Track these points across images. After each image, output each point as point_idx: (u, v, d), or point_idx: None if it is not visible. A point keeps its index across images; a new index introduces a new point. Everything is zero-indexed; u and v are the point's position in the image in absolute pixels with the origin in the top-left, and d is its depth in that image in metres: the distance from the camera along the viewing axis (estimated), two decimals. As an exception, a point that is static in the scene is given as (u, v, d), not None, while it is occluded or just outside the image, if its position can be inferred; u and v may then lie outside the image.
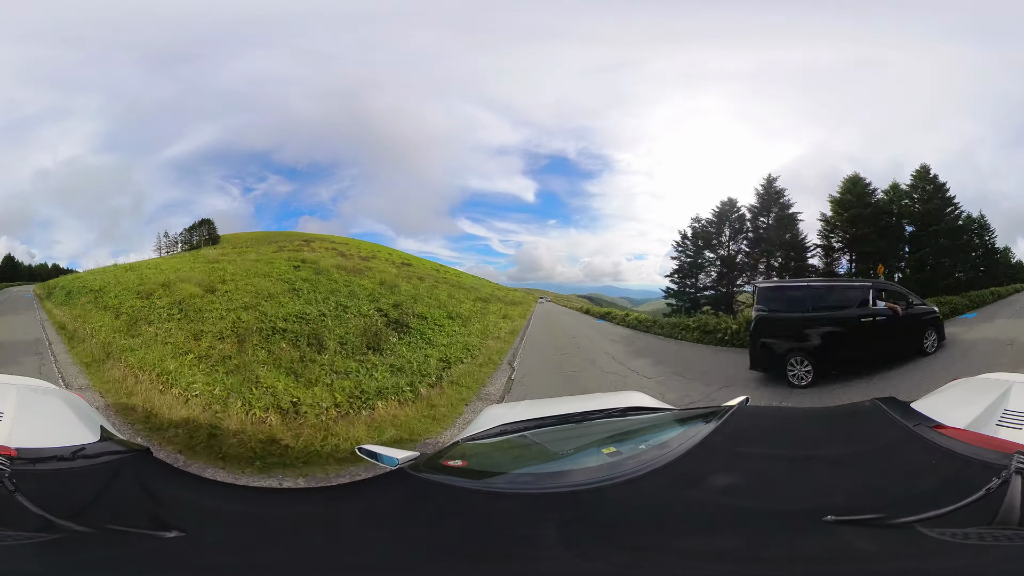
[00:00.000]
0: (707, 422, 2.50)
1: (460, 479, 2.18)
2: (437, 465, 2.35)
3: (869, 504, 1.65)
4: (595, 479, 1.99)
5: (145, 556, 1.64)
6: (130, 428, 6.98)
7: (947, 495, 1.53)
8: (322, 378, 8.49)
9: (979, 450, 1.87)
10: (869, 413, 2.47)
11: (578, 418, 2.86)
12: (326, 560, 1.69)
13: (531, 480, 2.19)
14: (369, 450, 2.51)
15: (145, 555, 1.65)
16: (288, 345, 9.22)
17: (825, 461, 2.20)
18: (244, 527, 2.02)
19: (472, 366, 10.82)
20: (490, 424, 2.90)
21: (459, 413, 8.34)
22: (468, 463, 2.43)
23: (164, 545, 1.65)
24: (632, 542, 1.68)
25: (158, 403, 7.50)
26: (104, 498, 1.96)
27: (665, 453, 2.13)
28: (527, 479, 2.20)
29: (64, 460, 2.01)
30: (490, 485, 2.14)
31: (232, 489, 4.06)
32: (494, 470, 2.37)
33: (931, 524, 1.44)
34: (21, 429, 2.26)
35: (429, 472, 2.25)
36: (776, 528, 1.68)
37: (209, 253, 14.32)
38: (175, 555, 1.66)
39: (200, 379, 8.18)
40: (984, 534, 1.39)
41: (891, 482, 1.91)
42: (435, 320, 12.36)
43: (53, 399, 2.96)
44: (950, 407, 2.41)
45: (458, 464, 2.39)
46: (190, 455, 6.44)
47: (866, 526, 1.52)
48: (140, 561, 1.63)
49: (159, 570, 1.61)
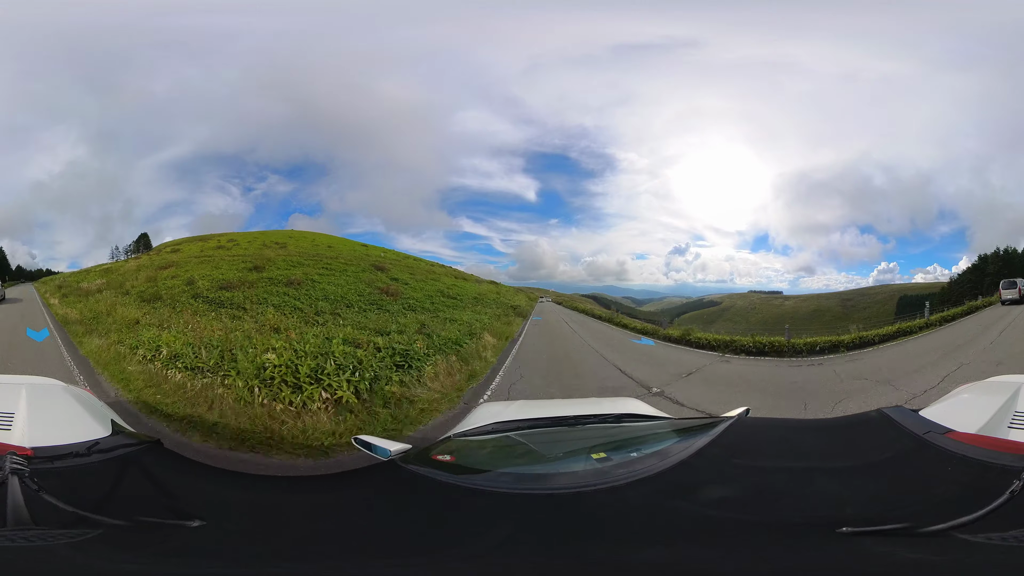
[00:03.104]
0: (704, 433, 2.43)
1: (445, 474, 2.18)
2: (426, 459, 2.38)
3: (889, 514, 1.60)
4: (578, 484, 1.96)
5: (177, 545, 1.67)
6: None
7: (969, 500, 1.51)
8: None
9: (995, 454, 1.84)
10: (876, 423, 2.42)
11: (572, 421, 2.83)
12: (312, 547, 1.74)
13: (515, 480, 2.17)
14: (365, 440, 2.50)
15: (177, 544, 1.68)
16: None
17: (831, 473, 2.14)
18: (256, 515, 2.10)
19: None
20: (484, 421, 2.88)
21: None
22: (456, 459, 2.43)
23: (192, 534, 1.69)
24: (596, 552, 1.63)
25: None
26: (125, 490, 2.01)
27: (657, 462, 2.08)
28: (511, 479, 2.18)
29: (81, 456, 2.04)
30: (472, 482, 2.12)
31: (242, 478, 4.14)
32: (480, 467, 2.35)
33: (965, 530, 1.41)
34: (35, 428, 2.26)
35: (417, 465, 2.28)
36: (778, 541, 1.63)
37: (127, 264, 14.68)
38: (203, 543, 1.70)
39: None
40: (1022, 536, 1.37)
41: (909, 491, 1.87)
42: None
43: (62, 395, 2.97)
44: (960, 413, 2.35)
45: (446, 459, 2.39)
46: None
47: (893, 536, 1.48)
48: (175, 550, 1.66)
49: (194, 555, 1.65)
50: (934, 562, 1.41)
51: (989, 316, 12.22)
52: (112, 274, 13.80)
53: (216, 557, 1.66)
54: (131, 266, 14.17)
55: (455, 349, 9.31)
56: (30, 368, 7.87)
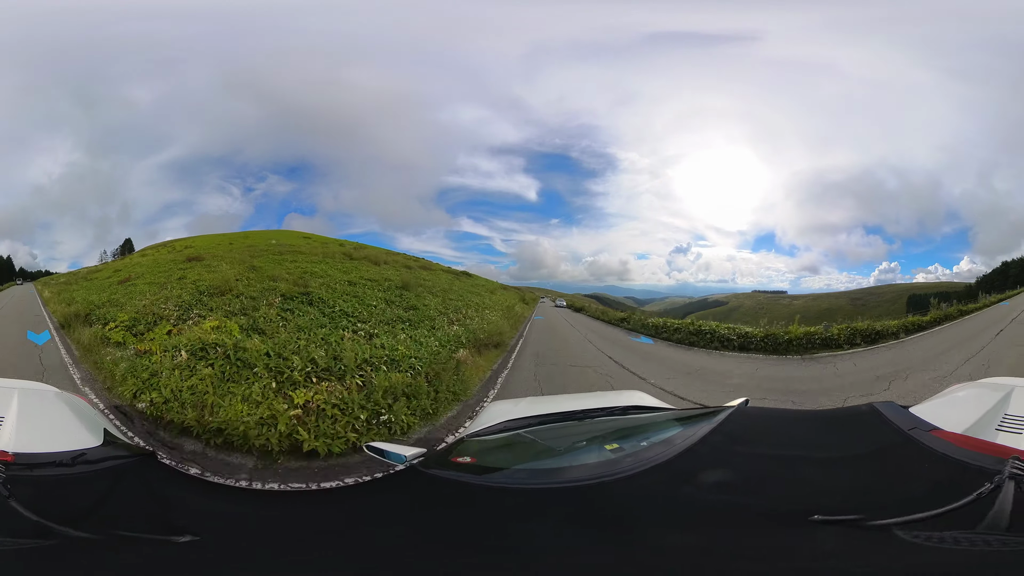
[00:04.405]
0: (706, 421, 2.52)
1: (469, 475, 2.21)
2: (446, 462, 2.39)
3: (854, 505, 1.66)
4: (596, 475, 2.03)
5: (153, 561, 1.62)
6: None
7: (936, 499, 1.53)
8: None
9: (975, 455, 1.86)
10: (866, 417, 2.47)
11: (580, 416, 2.89)
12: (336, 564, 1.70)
13: (534, 476, 2.23)
14: (376, 447, 2.51)
15: (153, 560, 1.62)
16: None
17: (817, 462, 2.21)
18: (256, 532, 2.02)
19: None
20: (494, 420, 2.92)
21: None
22: (476, 459, 2.47)
23: (175, 551, 1.63)
24: (628, 538, 1.71)
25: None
26: (107, 503, 1.94)
27: (665, 450, 2.16)
28: (531, 475, 2.24)
29: (63, 466, 1.98)
30: (494, 480, 2.17)
31: (240, 493, 4.09)
32: (499, 466, 2.40)
33: (909, 527, 1.45)
34: (21, 434, 2.22)
35: (439, 469, 2.28)
36: (764, 526, 1.71)
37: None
38: (187, 561, 1.64)
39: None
40: (960, 538, 1.38)
41: (878, 484, 1.93)
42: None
43: (55, 402, 2.92)
44: (951, 411, 2.39)
45: (467, 460, 2.42)
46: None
47: (846, 526, 1.54)
48: (148, 567, 1.60)
49: (169, 572, 1.60)
50: (851, 553, 1.48)
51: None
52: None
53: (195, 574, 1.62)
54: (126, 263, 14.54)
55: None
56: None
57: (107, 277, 13.68)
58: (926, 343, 10.89)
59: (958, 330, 11.65)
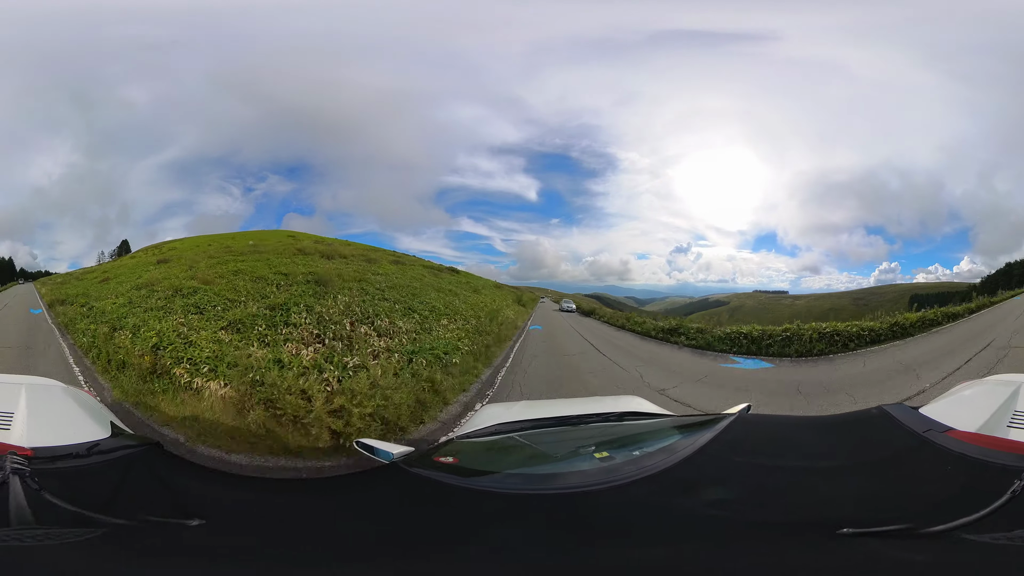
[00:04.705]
0: (706, 429, 2.43)
1: (450, 476, 2.17)
2: (429, 461, 2.37)
3: (889, 514, 1.59)
4: (587, 483, 1.96)
5: (177, 543, 1.69)
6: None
7: (969, 500, 1.50)
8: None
9: (994, 453, 1.83)
10: (877, 421, 2.40)
11: (574, 421, 2.82)
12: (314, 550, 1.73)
13: (521, 481, 2.17)
14: (366, 444, 2.50)
15: (177, 542, 1.69)
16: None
17: (831, 472, 2.13)
18: (256, 516, 2.10)
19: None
20: (486, 423, 2.87)
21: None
22: (460, 460, 2.43)
23: (191, 532, 1.71)
24: (609, 550, 1.62)
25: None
26: (123, 491, 2.02)
27: (660, 460, 2.08)
28: (517, 480, 2.18)
29: (81, 457, 2.05)
30: (478, 483, 2.12)
31: (240, 480, 4.16)
32: (485, 469, 2.35)
33: (968, 531, 1.40)
34: (34, 428, 2.26)
35: (421, 468, 2.27)
36: (778, 541, 1.61)
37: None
38: (200, 542, 1.72)
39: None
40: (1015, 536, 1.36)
41: (910, 491, 1.86)
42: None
43: (61, 396, 2.97)
44: (960, 411, 2.33)
45: (449, 461, 2.39)
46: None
47: (895, 537, 1.47)
48: (174, 549, 1.67)
49: (193, 554, 1.66)
50: (940, 563, 1.40)
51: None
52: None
53: (218, 556, 1.67)
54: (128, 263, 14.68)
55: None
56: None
57: (94, 277, 13.88)
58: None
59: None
